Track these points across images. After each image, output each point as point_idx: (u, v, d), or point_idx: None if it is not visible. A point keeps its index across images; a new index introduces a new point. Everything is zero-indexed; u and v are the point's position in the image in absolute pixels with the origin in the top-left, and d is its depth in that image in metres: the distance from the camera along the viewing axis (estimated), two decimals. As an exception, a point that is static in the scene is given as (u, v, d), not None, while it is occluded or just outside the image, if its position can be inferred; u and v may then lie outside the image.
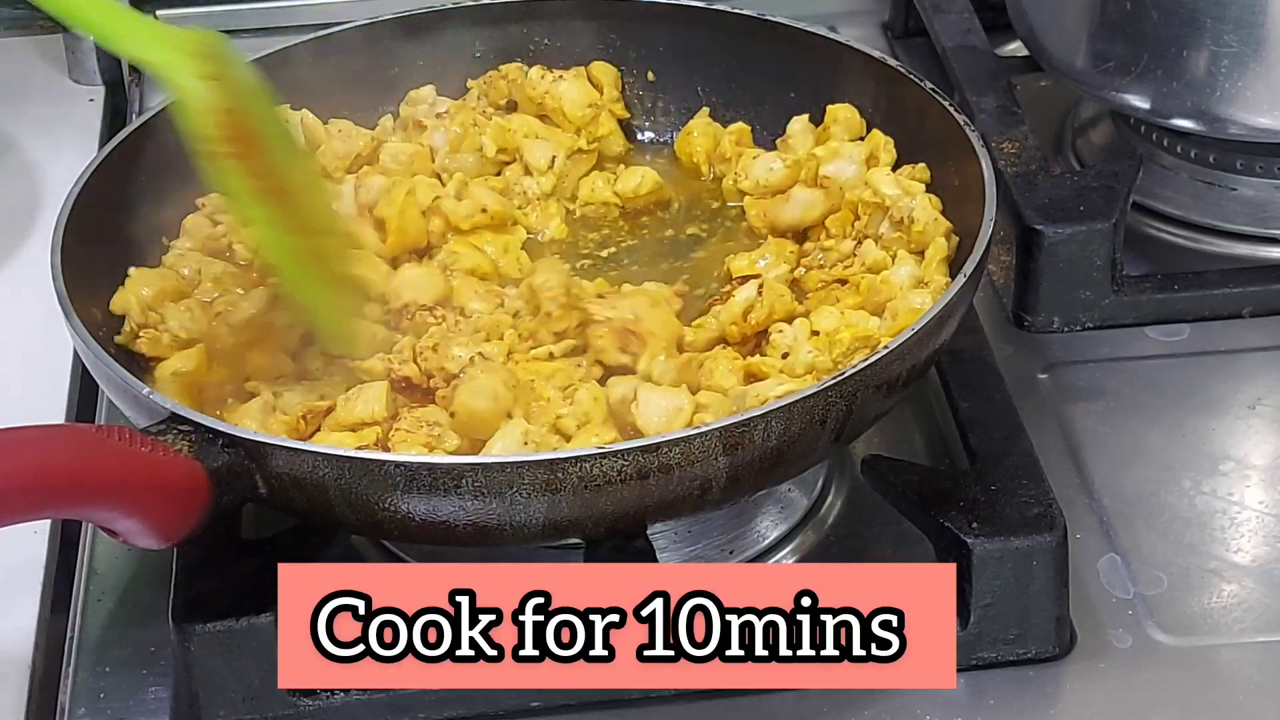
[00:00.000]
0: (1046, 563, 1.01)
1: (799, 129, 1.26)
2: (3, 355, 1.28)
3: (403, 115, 1.30)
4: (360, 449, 1.02)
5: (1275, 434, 1.19)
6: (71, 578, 1.12)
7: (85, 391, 1.25)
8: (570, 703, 1.01)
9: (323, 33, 1.30)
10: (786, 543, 1.12)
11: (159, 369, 1.11)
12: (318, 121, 1.26)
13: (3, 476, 0.88)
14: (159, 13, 1.61)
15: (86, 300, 1.09)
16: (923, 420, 1.19)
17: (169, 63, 1.02)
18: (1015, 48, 1.47)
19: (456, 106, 1.30)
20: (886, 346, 1.00)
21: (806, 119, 1.27)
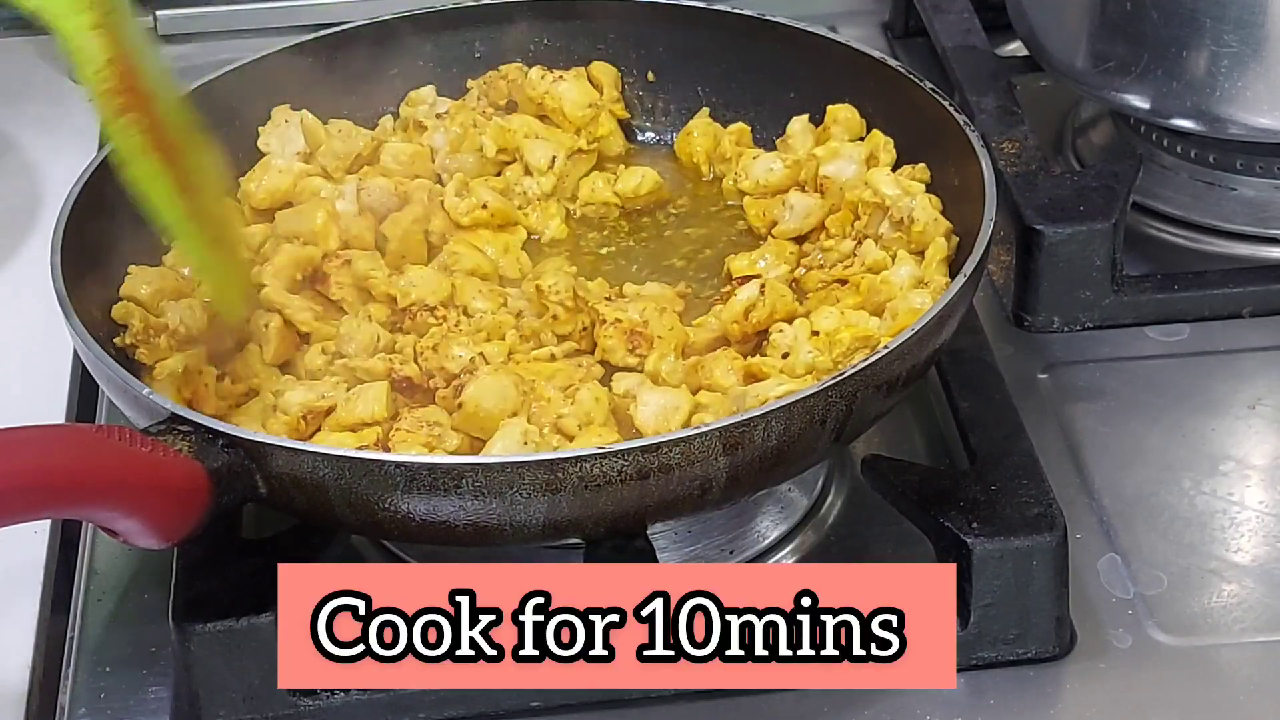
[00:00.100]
0: (1046, 563, 1.01)
1: (799, 129, 1.26)
2: (3, 355, 1.28)
3: (403, 115, 1.30)
4: (361, 449, 1.02)
5: (1275, 434, 1.19)
6: (71, 578, 1.12)
7: (85, 391, 1.25)
8: (570, 703, 1.01)
9: (323, 33, 1.30)
10: (786, 543, 1.12)
11: (158, 368, 1.11)
12: (317, 121, 1.26)
13: (3, 476, 0.88)
14: (160, 13, 1.60)
15: (86, 300, 1.09)
16: (923, 420, 1.19)
17: (58, 11, 1.01)
18: (1015, 48, 1.47)
19: (456, 107, 1.29)
20: (886, 346, 1.00)
21: (806, 119, 1.27)
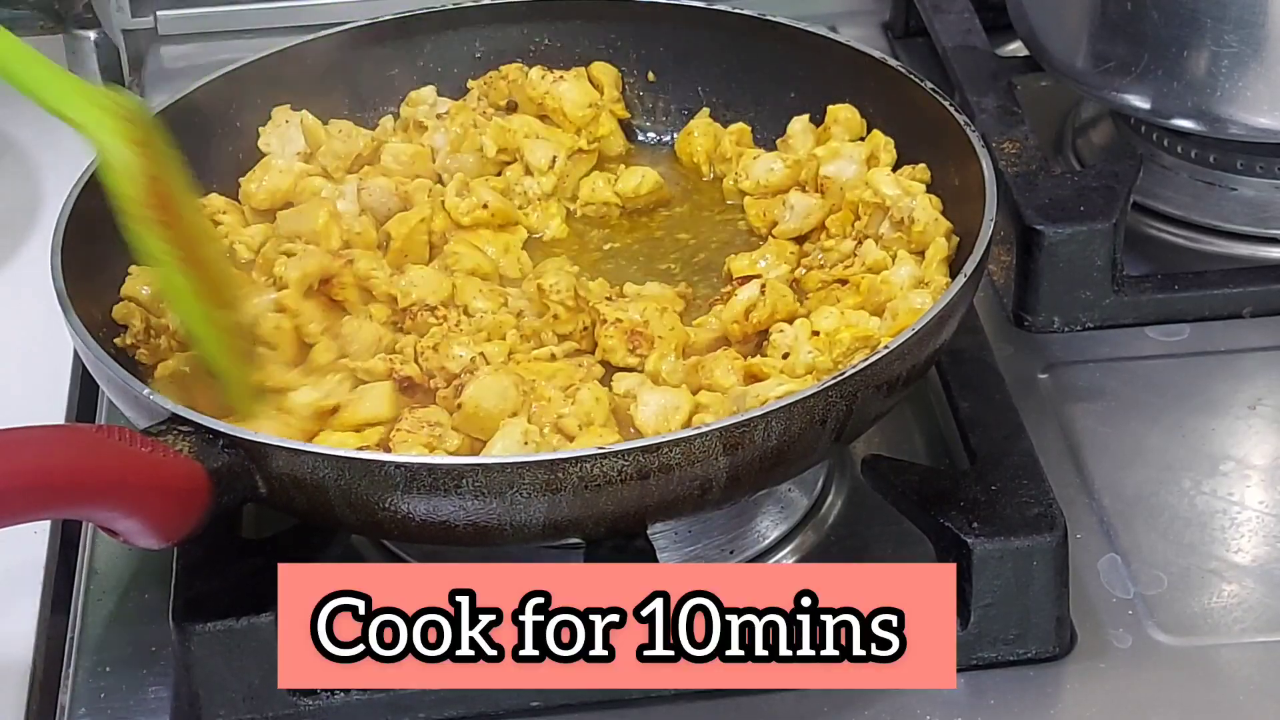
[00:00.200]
0: (1047, 563, 1.01)
1: (799, 129, 1.26)
2: (3, 355, 1.28)
3: (403, 116, 1.30)
4: (361, 449, 1.02)
5: (1275, 434, 1.19)
6: (71, 578, 1.12)
7: (85, 391, 1.25)
8: (570, 703, 1.01)
9: (323, 33, 1.30)
10: (787, 543, 1.12)
11: (159, 369, 1.11)
12: (317, 122, 1.26)
13: (3, 476, 0.88)
14: (160, 13, 1.60)
15: (86, 300, 1.09)
16: (923, 420, 1.19)
17: (98, 124, 1.02)
18: (1015, 48, 1.47)
19: (457, 107, 1.29)
20: (887, 346, 1.00)
21: (807, 119, 1.26)
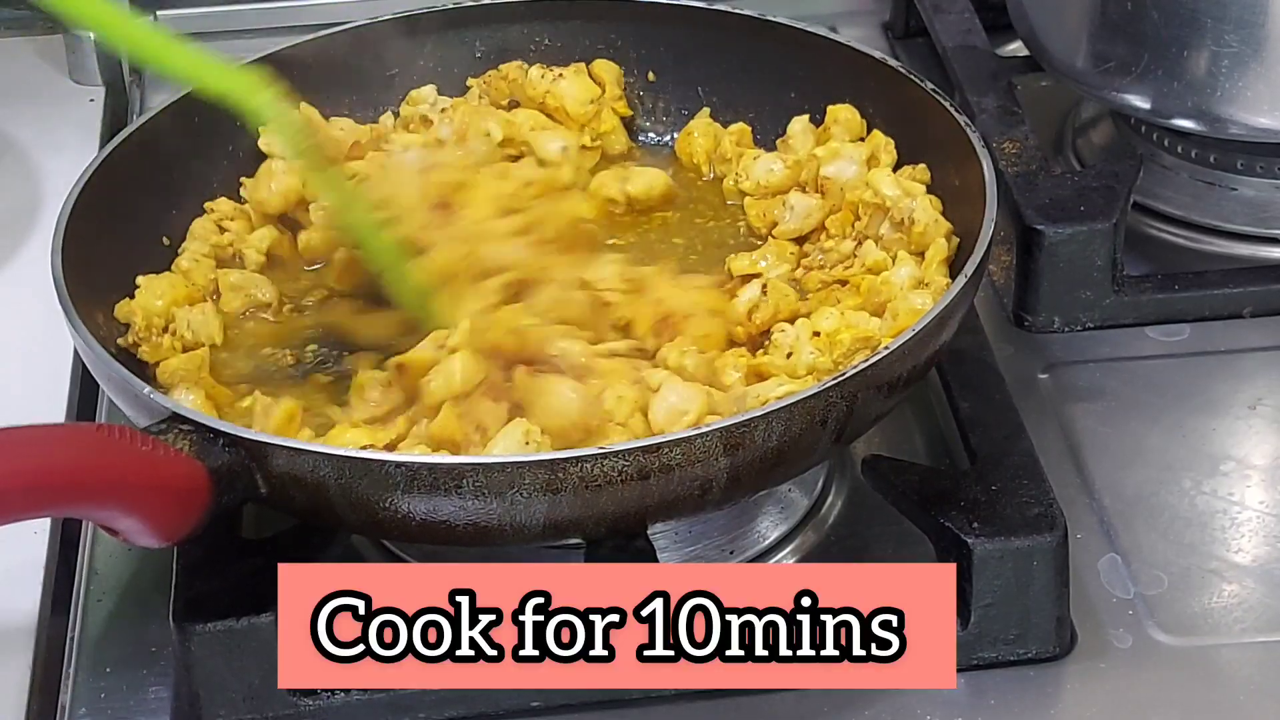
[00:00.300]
0: (1047, 563, 1.01)
1: (799, 129, 1.26)
2: (3, 355, 1.28)
3: (403, 115, 1.30)
4: (365, 449, 1.02)
5: (1276, 434, 1.19)
6: (71, 578, 1.12)
7: (85, 391, 1.25)
8: (570, 703, 1.01)
9: (323, 33, 1.30)
10: (787, 543, 1.12)
11: (161, 367, 1.11)
12: (315, 112, 1.26)
13: (3, 477, 0.88)
14: (159, 13, 1.61)
15: (87, 300, 1.09)
16: (923, 420, 1.19)
17: (254, 94, 1.13)
18: (1016, 48, 1.47)
19: (458, 103, 1.29)
20: (887, 347, 1.00)
21: (807, 119, 1.26)
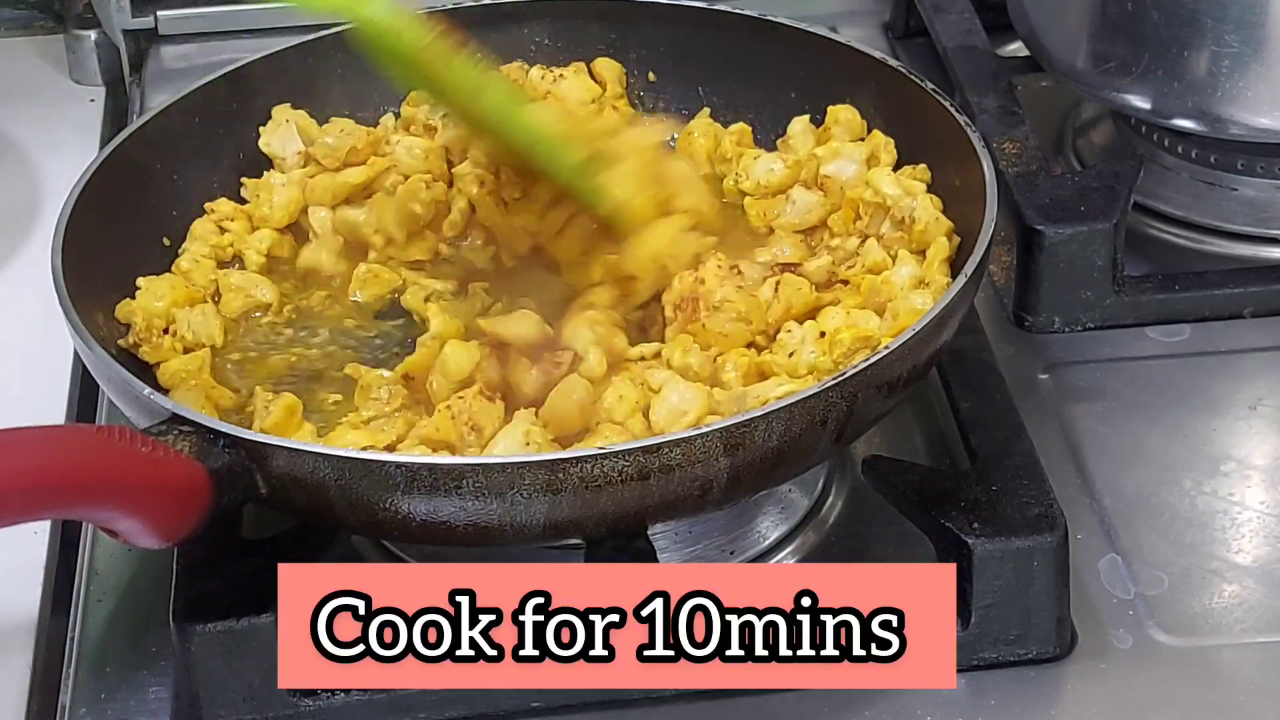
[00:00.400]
0: (1047, 563, 1.01)
1: (800, 129, 1.26)
2: (3, 355, 1.28)
3: (404, 115, 1.30)
4: (365, 450, 1.02)
5: (1276, 434, 1.19)
6: (72, 578, 1.12)
7: (85, 391, 1.25)
8: (570, 703, 1.01)
9: (323, 33, 1.30)
10: (787, 543, 1.12)
11: (162, 368, 1.11)
12: (307, 117, 1.26)
13: (3, 477, 0.88)
14: (160, 13, 1.60)
15: (87, 300, 1.09)
16: (923, 420, 1.19)
17: (364, 4, 1.12)
18: (1016, 48, 1.47)
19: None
20: (887, 347, 1.00)
21: (807, 119, 1.26)
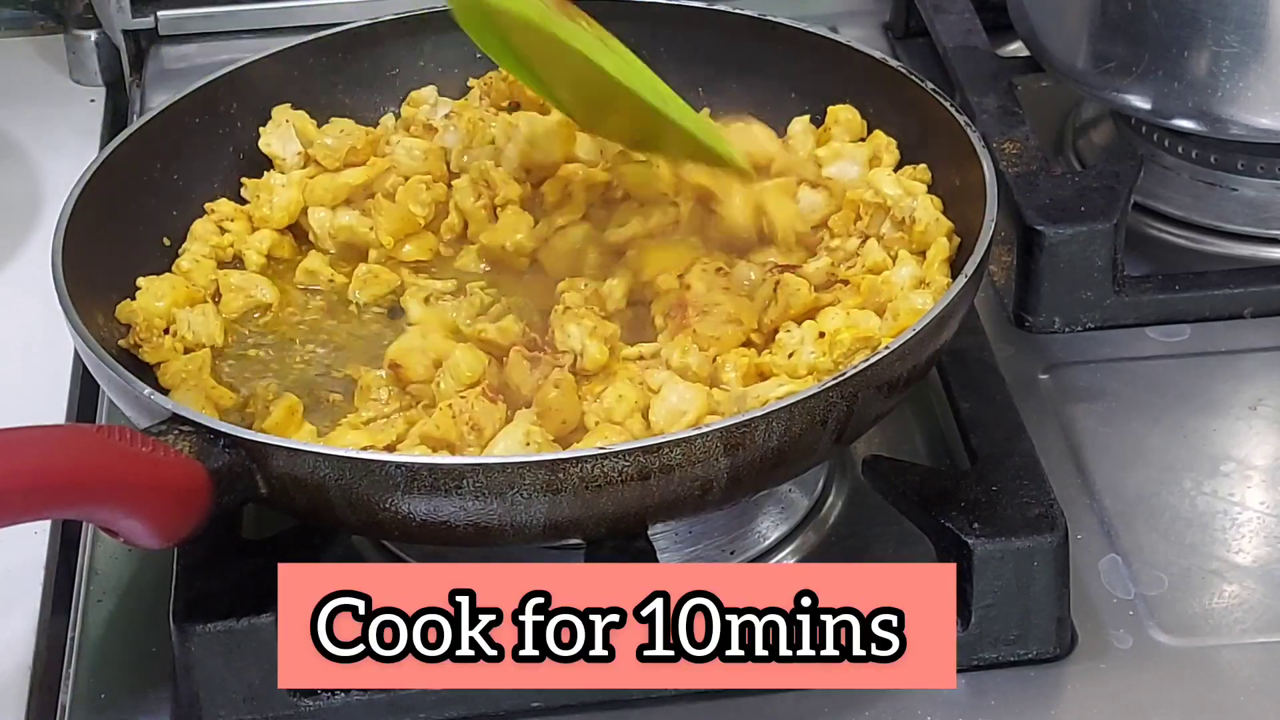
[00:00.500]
0: (1047, 563, 1.01)
1: (800, 130, 1.26)
2: (3, 355, 1.28)
3: (404, 116, 1.30)
4: (365, 450, 1.02)
5: (1276, 435, 1.19)
6: (72, 578, 1.12)
7: (85, 391, 1.25)
8: (570, 703, 1.01)
9: (323, 33, 1.30)
10: (787, 543, 1.12)
11: (162, 369, 1.11)
12: (307, 118, 1.26)
13: (3, 477, 0.88)
14: (160, 13, 1.60)
15: (87, 301, 1.09)
16: (923, 421, 1.19)
17: None
18: (1016, 48, 1.47)
19: (461, 105, 1.29)
20: (888, 347, 1.00)
21: (807, 120, 1.26)
